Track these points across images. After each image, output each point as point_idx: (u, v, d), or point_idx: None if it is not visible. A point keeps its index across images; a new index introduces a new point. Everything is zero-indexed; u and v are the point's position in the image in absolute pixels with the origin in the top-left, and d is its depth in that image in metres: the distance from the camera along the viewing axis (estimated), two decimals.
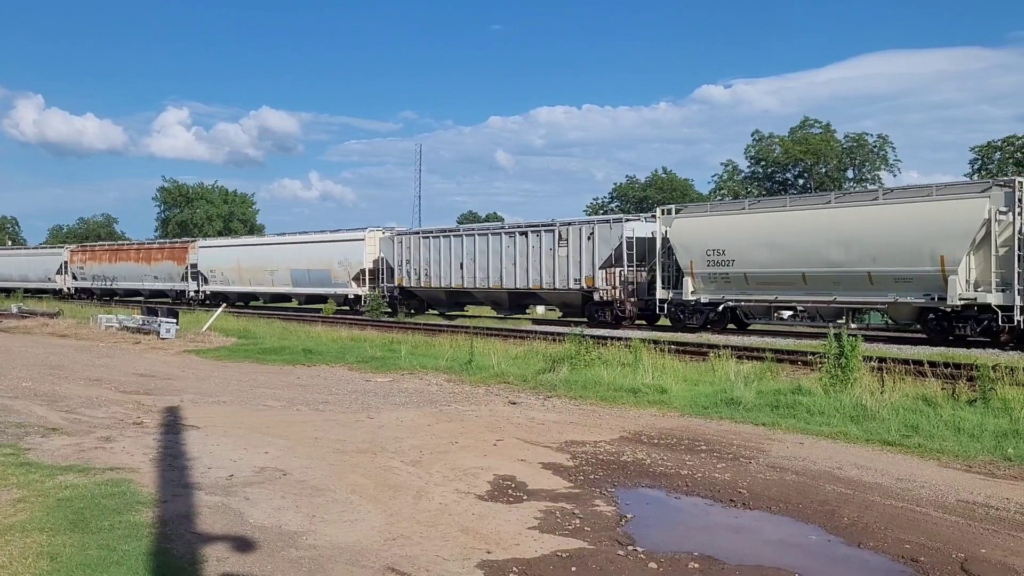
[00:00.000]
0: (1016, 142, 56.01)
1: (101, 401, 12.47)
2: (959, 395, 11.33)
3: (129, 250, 53.65)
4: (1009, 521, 6.56)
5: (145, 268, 50.66)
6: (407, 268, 35.29)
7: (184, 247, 48.59)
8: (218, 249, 47.32)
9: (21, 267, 61.96)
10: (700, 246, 25.02)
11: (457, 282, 33.18)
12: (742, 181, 67.81)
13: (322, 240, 40.73)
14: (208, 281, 46.23)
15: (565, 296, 29.99)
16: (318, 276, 39.72)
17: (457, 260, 33.14)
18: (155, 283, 50.20)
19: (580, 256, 28.52)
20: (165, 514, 6.42)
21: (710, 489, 7.56)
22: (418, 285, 34.89)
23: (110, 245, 57.93)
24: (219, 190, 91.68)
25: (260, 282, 43.44)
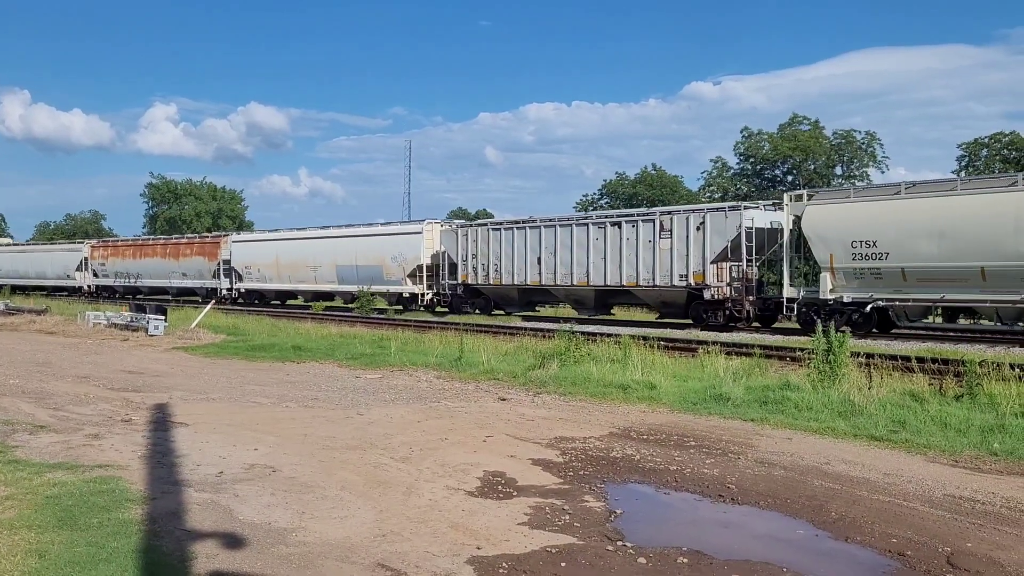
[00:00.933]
0: (1003, 139, 56.33)
1: (89, 398, 12.42)
2: (946, 390, 11.41)
3: (155, 245, 50.55)
4: (995, 515, 6.61)
5: (172, 265, 47.88)
6: (473, 263, 32.10)
7: (216, 242, 45.85)
8: (254, 244, 44.06)
9: (38, 264, 58.90)
10: (843, 236, 21.61)
11: (533, 279, 30.00)
12: (731, 178, 67.96)
13: (373, 234, 37.86)
14: (243, 278, 43.56)
15: (666, 294, 26.55)
16: (368, 273, 36.78)
17: (534, 254, 29.85)
18: (183, 280, 47.46)
19: (687, 249, 25.24)
20: (154, 511, 6.41)
21: (699, 484, 7.59)
22: (485, 282, 31.76)
23: (134, 240, 54.96)
24: (208, 187, 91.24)
25: (301, 279, 40.48)
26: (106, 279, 53.04)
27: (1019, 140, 54.88)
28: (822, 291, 22.16)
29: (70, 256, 56.24)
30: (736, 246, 24.43)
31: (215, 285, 44.86)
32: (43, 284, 57.03)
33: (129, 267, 51.13)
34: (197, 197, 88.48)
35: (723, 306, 24.85)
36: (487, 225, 32.86)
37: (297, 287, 41.30)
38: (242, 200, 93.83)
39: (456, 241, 32.96)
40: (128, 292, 50.99)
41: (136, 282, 50.63)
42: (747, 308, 24.55)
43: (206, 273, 45.68)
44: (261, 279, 42.80)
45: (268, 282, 42.47)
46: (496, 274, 31.39)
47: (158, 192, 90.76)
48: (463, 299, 33.07)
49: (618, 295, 28.83)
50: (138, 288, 50.70)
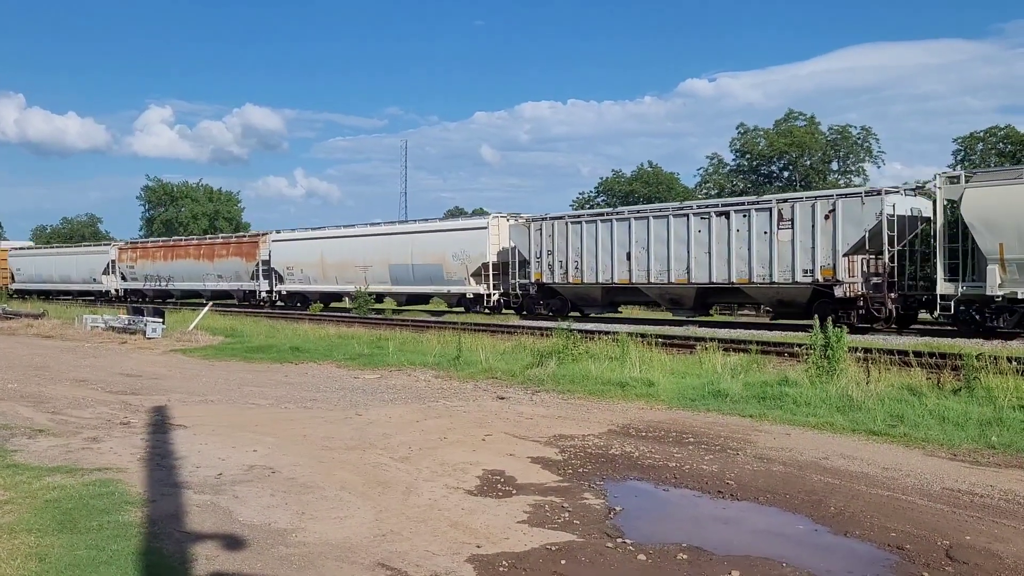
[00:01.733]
0: (998, 133, 56.38)
1: (88, 402, 12.41)
2: (944, 384, 11.44)
3: (188, 246, 47.88)
4: (993, 508, 6.63)
5: (207, 266, 45.23)
6: (548, 260, 29.29)
7: (254, 242, 43.11)
8: (297, 243, 41.15)
9: (62, 267, 55.81)
10: (1019, 222, 18.75)
11: (621, 276, 27.07)
12: (727, 174, 67.99)
13: (432, 230, 35.09)
14: (284, 279, 40.97)
15: (785, 292, 23.57)
16: (426, 272, 34.21)
17: (622, 249, 26.97)
18: (218, 283, 44.73)
19: (813, 240, 22.38)
20: (154, 513, 6.41)
21: (698, 481, 7.60)
22: (563, 281, 29.01)
23: (164, 241, 51.72)
24: (204, 188, 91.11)
25: (349, 280, 37.30)
26: (135, 283, 50.64)
27: (1015, 134, 54.92)
28: (989, 286, 19.10)
29: (96, 259, 53.56)
30: (875, 236, 21.69)
31: (253, 287, 42.61)
32: (69, 289, 54.78)
33: (160, 270, 48.63)
34: (193, 199, 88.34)
35: (855, 304, 22.10)
36: (565, 218, 29.67)
37: (345, 288, 38.05)
38: (239, 202, 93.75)
39: (528, 236, 30.16)
40: (159, 296, 48.75)
41: (168, 285, 48.14)
42: (888, 306, 21.70)
43: (243, 275, 43.27)
44: (304, 280, 40.12)
45: (312, 283, 39.73)
46: (576, 272, 28.54)
47: (154, 195, 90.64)
48: (536, 300, 30.40)
49: (723, 294, 26.07)
50: (169, 292, 48.39)
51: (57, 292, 55.33)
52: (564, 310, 29.34)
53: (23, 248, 65.26)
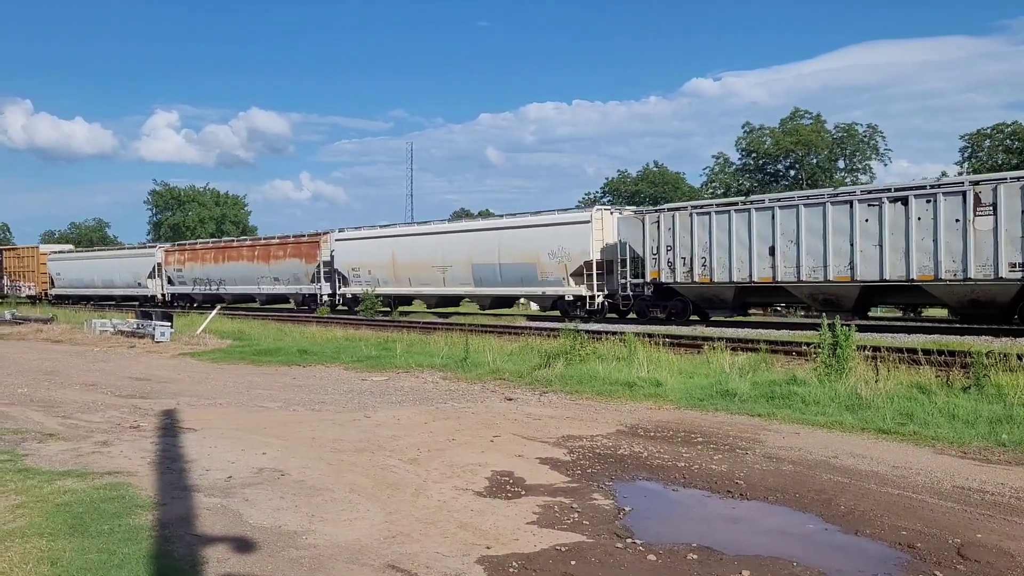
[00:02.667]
0: (1005, 129, 56.18)
1: (97, 406, 12.45)
2: (953, 382, 11.40)
3: (241, 248, 44.92)
4: (1004, 506, 6.60)
5: (262, 268, 42.44)
6: (668, 257, 25.91)
7: (315, 242, 40.01)
8: (363, 242, 37.99)
9: (105, 271, 52.85)
10: None
11: (763, 274, 23.64)
12: (733, 173, 67.93)
13: (524, 225, 31.49)
14: (349, 281, 37.91)
15: (982, 290, 20.05)
16: (516, 272, 31.04)
17: (764, 243, 23.56)
18: (275, 286, 42.11)
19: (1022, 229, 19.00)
20: (164, 517, 6.43)
21: (707, 480, 7.59)
22: (686, 280, 25.59)
23: (215, 243, 48.61)
24: (211, 192, 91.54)
25: (425, 281, 34.64)
26: (183, 287, 48.05)
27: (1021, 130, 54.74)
28: None
29: (141, 262, 50.72)
30: None
31: (313, 291, 39.70)
32: (111, 294, 52.20)
33: (210, 272, 45.78)
34: (200, 203, 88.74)
35: None
36: (689, 209, 26.10)
37: (420, 291, 35.38)
38: (245, 205, 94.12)
39: (642, 230, 26.71)
40: (208, 300, 45.87)
41: (218, 289, 45.32)
42: None
43: (302, 277, 40.45)
44: (372, 282, 36.70)
45: (382, 285, 36.39)
46: (704, 269, 25.07)
47: (161, 199, 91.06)
48: (650, 302, 27.07)
49: (895, 293, 22.53)
50: (220, 296, 45.24)
51: (99, 298, 52.44)
52: (685, 313, 26.52)
53: (63, 252, 61.68)
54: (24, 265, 58.92)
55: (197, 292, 46.96)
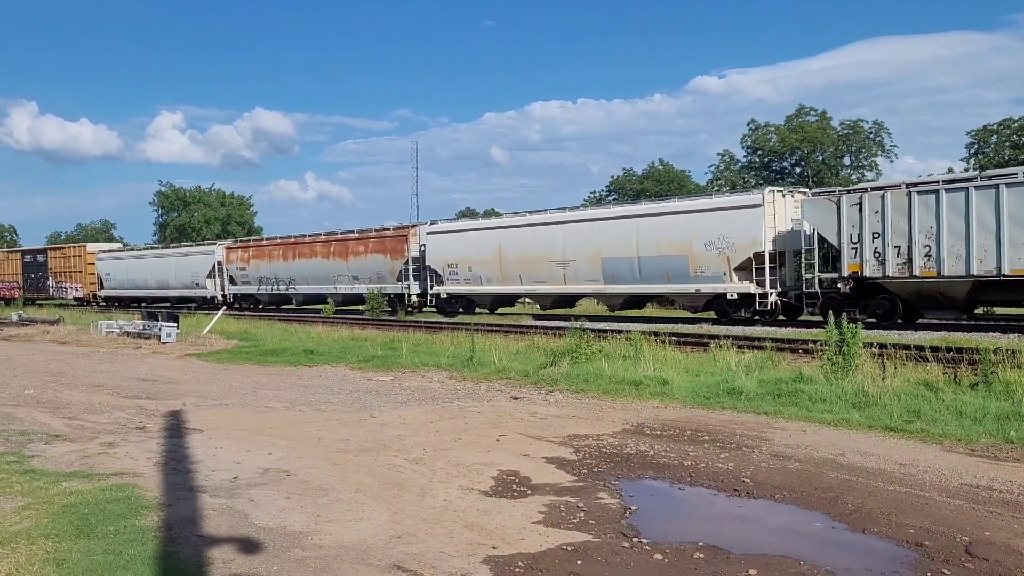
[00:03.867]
0: (1012, 125, 55.94)
1: (103, 407, 12.48)
2: (961, 379, 11.35)
3: (314, 244, 40.94)
4: (1013, 503, 6.57)
5: (339, 266, 38.76)
6: (875, 246, 21.59)
7: (402, 236, 36.21)
8: (462, 235, 33.96)
9: (159, 271, 49.41)
10: None
11: (1018, 264, 19.31)
12: (739, 171, 67.76)
13: (672, 211, 27.29)
14: (444, 280, 34.00)
15: None
16: (659, 266, 26.79)
17: (1018, 227, 19.21)
18: (353, 285, 38.07)
19: None
20: (170, 518, 6.43)
21: (714, 479, 7.56)
22: (901, 273, 21.25)
23: (284, 239, 43.93)
24: (216, 193, 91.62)
25: (540, 278, 30.47)
26: (247, 287, 44.36)
27: None
28: None
29: (199, 261, 47.12)
30: None
31: (399, 290, 35.73)
32: (167, 295, 48.91)
33: (278, 271, 42.20)
34: (206, 204, 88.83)
35: None
36: (904, 187, 21.56)
37: (533, 289, 31.34)
38: (251, 206, 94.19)
39: (837, 215, 22.31)
40: (275, 301, 43.64)
41: (288, 289, 41.98)
42: None
43: (387, 275, 36.52)
44: (473, 280, 32.83)
45: (485, 284, 32.50)
46: (928, 260, 20.69)
47: (167, 200, 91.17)
48: (846, 301, 22.33)
49: None
50: (288, 296, 42.57)
51: (152, 299, 48.64)
52: (892, 315, 22.26)
53: (113, 251, 57.88)
54: (71, 265, 55.85)
55: (263, 293, 43.48)
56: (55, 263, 57.05)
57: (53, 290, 56.54)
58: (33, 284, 58.33)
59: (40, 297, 57.26)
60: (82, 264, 54.99)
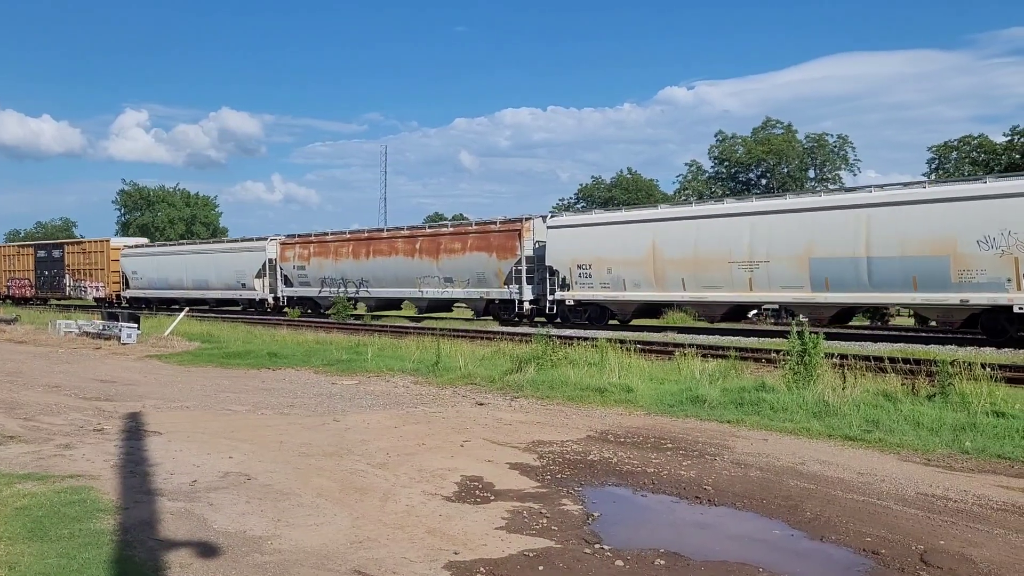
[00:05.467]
0: (972, 142, 57.16)
1: (60, 408, 12.24)
2: (919, 390, 11.53)
3: (394, 240, 35.31)
4: (967, 513, 6.69)
5: (426, 266, 33.53)
6: None
7: (512, 230, 30.53)
8: (599, 229, 28.13)
9: (198, 269, 44.18)
10: None
11: None
12: (706, 181, 68.43)
13: (923, 199, 21.18)
14: (571, 284, 28.40)
15: None
16: (902, 270, 21.20)
17: None
18: (446, 289, 32.82)
19: None
20: (127, 521, 6.32)
21: (676, 486, 7.61)
22: None
23: (355, 233, 38.11)
24: (181, 193, 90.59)
25: (713, 283, 24.86)
26: (306, 288, 39.05)
27: (988, 143, 55.75)
28: None
29: (246, 259, 41.69)
30: None
31: (507, 295, 30.48)
32: (205, 297, 44.16)
33: (347, 271, 36.91)
34: (170, 204, 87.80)
35: None
36: None
37: (700, 296, 25.43)
38: (216, 206, 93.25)
39: None
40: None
41: (359, 291, 36.46)
42: None
43: (491, 277, 31.01)
44: (614, 284, 27.27)
45: (631, 289, 26.96)
46: None
47: (130, 199, 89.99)
48: None
49: None
50: (357, 300, 37.15)
51: (188, 301, 42.82)
52: None
53: (140, 246, 51.79)
54: (91, 262, 50.39)
55: (326, 295, 37.72)
56: (73, 259, 51.55)
57: (70, 289, 51.41)
58: (47, 282, 53.09)
59: (55, 296, 52.51)
60: (104, 261, 49.50)
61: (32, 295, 54.04)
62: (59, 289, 52.22)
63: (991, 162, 53.53)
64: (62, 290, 51.98)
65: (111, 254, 49.28)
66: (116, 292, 48.84)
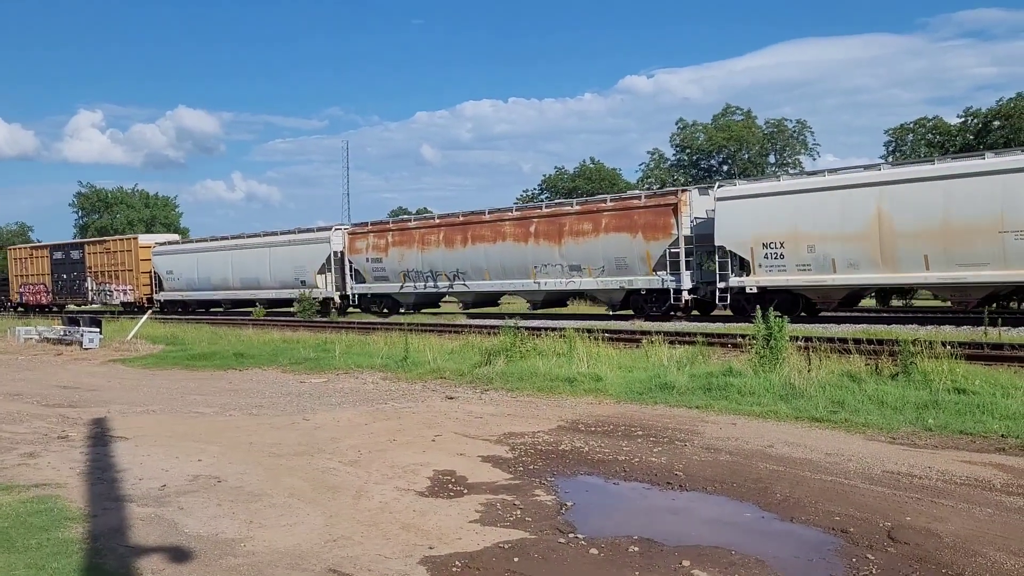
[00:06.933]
0: (927, 124, 58.08)
1: (23, 416, 12.02)
2: (882, 370, 11.74)
3: (501, 223, 29.69)
4: (931, 489, 6.83)
5: (545, 251, 28.07)
6: None
7: (665, 205, 25.34)
8: (789, 199, 22.47)
9: (246, 267, 38.56)
10: None
11: None
12: (668, 169, 68.83)
13: None
14: (753, 267, 22.86)
15: None
16: None
17: None
18: (571, 278, 27.46)
19: None
20: (96, 529, 6.23)
21: (647, 473, 7.67)
22: None
23: (446, 217, 32.67)
24: (140, 194, 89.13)
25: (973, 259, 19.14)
26: (382, 284, 33.64)
27: (942, 125, 56.67)
28: None
29: (307, 252, 36.05)
30: None
31: (658, 283, 25.29)
32: (255, 297, 38.40)
33: (436, 261, 31.45)
34: (129, 205, 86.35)
35: None
36: None
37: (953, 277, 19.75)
38: (176, 207, 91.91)
39: None
40: (426, 303, 33.53)
41: (452, 285, 31.20)
42: None
43: (635, 262, 25.76)
44: (818, 266, 21.68)
45: (844, 270, 21.30)
46: None
47: (88, 201, 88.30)
48: None
49: None
50: (447, 294, 32.82)
51: (234, 303, 38.92)
52: None
53: (173, 243, 45.74)
54: (117, 262, 44.75)
55: (409, 291, 32.75)
56: (95, 260, 45.74)
57: (93, 294, 45.96)
58: (66, 287, 47.64)
59: (75, 303, 47.39)
60: (132, 260, 43.87)
61: (48, 302, 48.65)
62: (80, 294, 46.92)
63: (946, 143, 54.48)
64: (83, 295, 46.65)
65: (140, 253, 43.61)
66: (147, 295, 43.57)
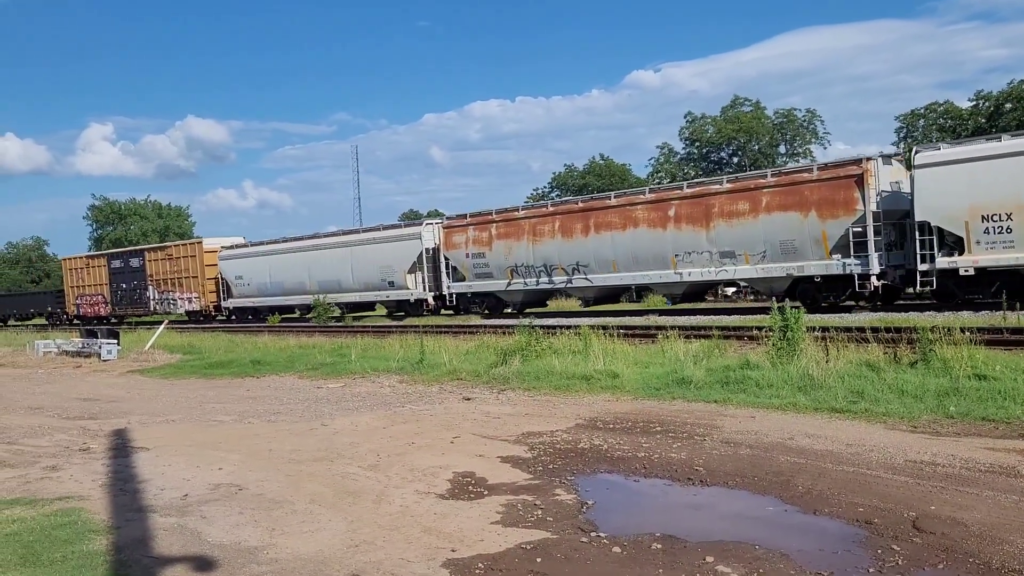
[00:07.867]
0: (938, 108, 57.65)
1: (44, 429, 12.10)
2: (901, 358, 11.64)
3: (631, 207, 26.55)
4: (955, 477, 6.77)
5: (689, 237, 24.91)
6: None
7: (846, 176, 21.78)
8: None
9: (326, 268, 36.15)
10: None
11: None
12: (678, 163, 68.59)
13: None
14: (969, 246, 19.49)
15: None
16: None
17: None
18: (722, 267, 24.29)
19: None
20: (119, 540, 6.26)
21: (667, 469, 7.65)
22: None
23: (560, 204, 30.73)
24: (152, 205, 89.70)
25: None
26: (486, 281, 30.45)
27: (954, 109, 56.22)
28: None
29: (395, 250, 33.48)
30: None
31: (837, 269, 21.82)
32: (337, 301, 36.06)
33: (551, 253, 28.38)
34: (142, 216, 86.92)
35: None
36: None
37: None
38: (189, 216, 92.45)
39: None
40: (537, 300, 30.61)
41: (572, 279, 27.99)
42: None
43: (807, 246, 22.36)
44: None
45: None
46: None
47: (101, 214, 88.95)
48: None
49: None
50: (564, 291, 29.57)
51: (309, 308, 36.28)
52: None
53: (241, 246, 42.29)
54: (180, 269, 42.64)
55: (518, 288, 29.44)
56: (156, 267, 43.69)
57: (155, 303, 43.60)
58: (126, 297, 45.60)
59: (136, 313, 45.16)
60: (196, 267, 41.71)
61: (108, 313, 46.83)
62: (141, 304, 44.62)
63: (958, 128, 54.06)
64: (144, 305, 44.33)
65: (205, 258, 41.32)
66: (213, 303, 41.66)
